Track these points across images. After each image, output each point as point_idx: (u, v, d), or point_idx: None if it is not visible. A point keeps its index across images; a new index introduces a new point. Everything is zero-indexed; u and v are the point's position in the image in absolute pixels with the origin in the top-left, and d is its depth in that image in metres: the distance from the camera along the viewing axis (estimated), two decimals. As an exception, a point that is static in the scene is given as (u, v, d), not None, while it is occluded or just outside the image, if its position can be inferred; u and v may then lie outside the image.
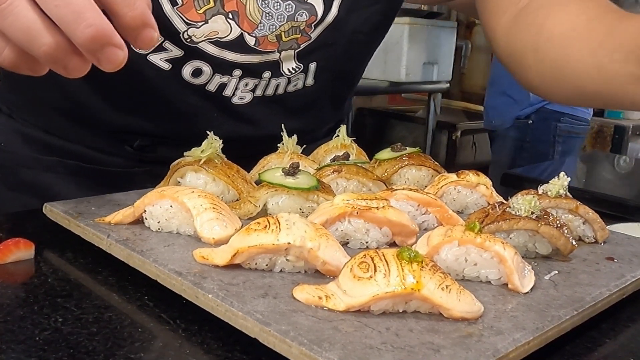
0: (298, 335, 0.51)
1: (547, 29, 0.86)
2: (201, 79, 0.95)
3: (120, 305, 0.63)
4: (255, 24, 0.93)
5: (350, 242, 0.74)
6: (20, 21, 0.50)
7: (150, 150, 1.03)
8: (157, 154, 1.03)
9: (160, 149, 1.03)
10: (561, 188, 0.82)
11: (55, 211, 0.79)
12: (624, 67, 0.75)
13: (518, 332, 0.55)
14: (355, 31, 1.02)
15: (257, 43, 0.94)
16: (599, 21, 0.81)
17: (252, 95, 1.00)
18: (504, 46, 0.93)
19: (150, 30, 0.55)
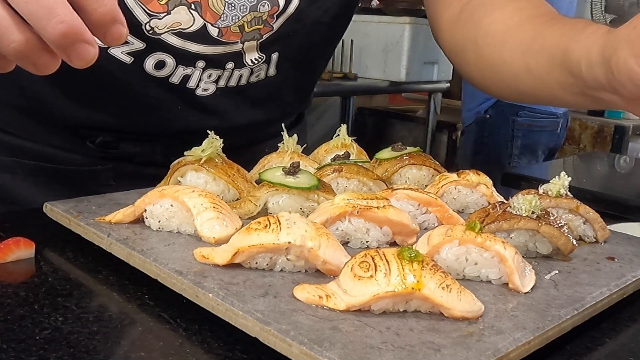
0: (298, 335, 0.51)
1: (484, 27, 0.87)
2: (164, 71, 0.94)
3: (120, 305, 0.63)
4: (218, 15, 0.92)
5: (351, 242, 0.74)
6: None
7: (113, 147, 1.01)
8: (120, 150, 1.01)
9: (123, 145, 1.01)
10: (562, 188, 0.82)
11: (55, 210, 0.79)
12: (549, 73, 0.76)
13: (518, 332, 0.55)
14: (316, 22, 1.02)
15: (220, 34, 0.94)
16: (530, 23, 0.82)
17: (216, 86, 0.99)
18: (447, 39, 0.96)
19: (120, 26, 0.53)
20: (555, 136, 2.59)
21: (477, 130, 2.64)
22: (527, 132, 2.54)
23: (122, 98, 0.97)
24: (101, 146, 1.01)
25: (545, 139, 2.57)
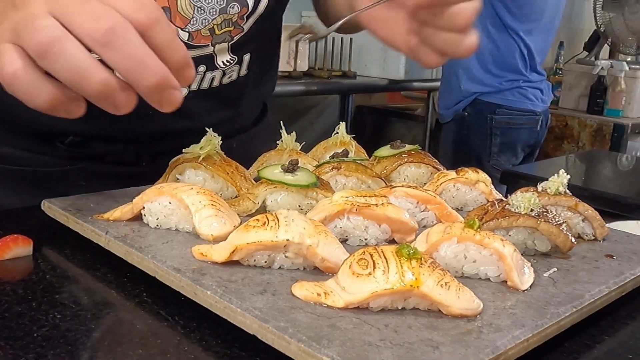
0: (297, 332, 0.51)
1: None
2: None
3: (118, 302, 0.63)
4: (187, 19, 0.92)
5: (349, 239, 0.74)
6: (71, 62, 0.52)
7: (83, 147, 0.99)
8: (90, 150, 1.00)
9: (94, 145, 1.00)
10: (560, 185, 0.82)
11: (53, 208, 0.79)
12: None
13: (517, 329, 0.55)
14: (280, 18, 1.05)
15: (191, 38, 0.94)
16: None
17: (188, 89, 0.98)
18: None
19: (190, 69, 0.58)
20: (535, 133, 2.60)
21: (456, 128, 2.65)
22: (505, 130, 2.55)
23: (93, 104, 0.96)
24: (71, 146, 0.99)
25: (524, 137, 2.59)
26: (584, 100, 3.91)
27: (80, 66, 0.53)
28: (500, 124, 2.54)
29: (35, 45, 0.52)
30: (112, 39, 0.53)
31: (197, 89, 1.00)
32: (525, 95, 2.53)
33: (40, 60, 0.53)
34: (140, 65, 0.54)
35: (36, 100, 0.56)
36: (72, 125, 0.95)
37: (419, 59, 0.76)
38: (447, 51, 0.73)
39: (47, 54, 0.52)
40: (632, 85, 3.76)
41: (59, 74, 0.54)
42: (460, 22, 0.70)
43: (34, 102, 0.56)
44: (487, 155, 2.56)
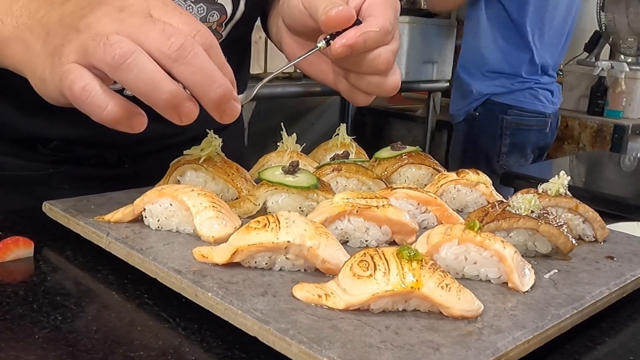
0: (297, 334, 0.51)
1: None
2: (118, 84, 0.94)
3: (119, 304, 0.63)
4: None
5: (350, 241, 0.74)
6: (145, 73, 0.56)
7: (66, 151, 0.99)
8: (73, 153, 1.00)
9: (77, 148, 1.00)
10: (561, 187, 0.82)
11: (54, 209, 0.79)
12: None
13: (518, 331, 0.55)
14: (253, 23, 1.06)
15: None
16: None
17: None
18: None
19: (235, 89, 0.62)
20: (544, 135, 2.61)
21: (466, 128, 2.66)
22: (516, 131, 2.56)
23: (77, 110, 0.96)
24: (54, 150, 0.99)
25: (533, 138, 2.59)
26: (585, 101, 3.90)
27: (153, 77, 0.57)
28: (510, 125, 2.54)
29: (111, 58, 0.56)
30: (184, 55, 0.57)
31: None
32: (536, 97, 2.54)
33: (114, 72, 0.57)
34: (208, 79, 0.58)
35: (103, 113, 0.59)
36: (55, 131, 0.97)
37: (348, 98, 0.81)
38: (373, 92, 0.77)
39: (122, 65, 0.56)
40: (633, 86, 3.76)
41: (132, 84, 0.57)
42: (380, 65, 0.74)
43: (101, 116, 0.59)
44: (497, 156, 2.57)
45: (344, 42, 0.70)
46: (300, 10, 0.77)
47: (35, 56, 0.63)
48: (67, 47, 0.59)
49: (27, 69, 0.65)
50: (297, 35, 0.85)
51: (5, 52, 0.67)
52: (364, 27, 0.71)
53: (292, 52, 0.88)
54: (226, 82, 0.60)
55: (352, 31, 0.71)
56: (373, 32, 0.71)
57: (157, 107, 0.59)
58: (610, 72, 3.76)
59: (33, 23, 0.65)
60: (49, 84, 0.62)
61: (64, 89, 0.59)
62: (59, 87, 0.60)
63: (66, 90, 0.59)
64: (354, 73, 0.77)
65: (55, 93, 0.62)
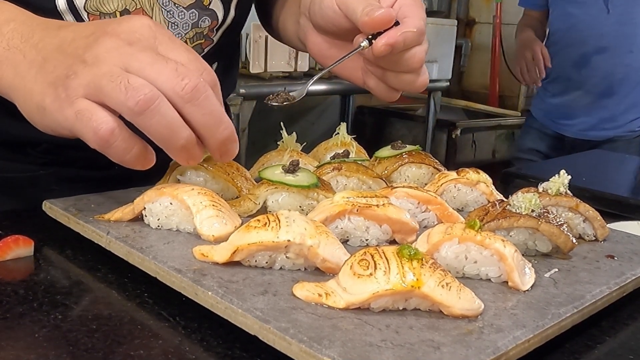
0: (298, 333, 0.51)
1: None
2: None
3: (119, 303, 0.63)
4: None
5: (350, 240, 0.74)
6: (166, 119, 0.58)
7: (55, 153, 0.99)
8: (62, 155, 0.99)
9: (67, 151, 0.99)
10: (561, 186, 0.82)
11: (54, 208, 0.79)
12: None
13: (518, 330, 0.55)
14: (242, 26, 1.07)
15: None
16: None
17: None
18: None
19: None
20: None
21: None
22: None
23: None
24: (43, 152, 0.99)
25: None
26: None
27: (172, 123, 0.58)
28: None
29: (134, 103, 0.56)
30: (197, 96, 0.58)
31: None
32: None
33: (135, 117, 0.57)
34: (218, 121, 0.60)
35: (127, 156, 0.60)
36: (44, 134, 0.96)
37: (377, 95, 0.84)
38: (404, 89, 0.81)
39: (146, 111, 0.57)
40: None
41: (152, 130, 0.58)
42: (414, 64, 0.78)
43: (125, 158, 0.60)
44: None
45: (386, 42, 0.73)
46: (334, 11, 0.80)
47: (29, 82, 0.63)
48: (74, 80, 0.59)
49: (17, 94, 0.65)
50: (327, 34, 0.87)
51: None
52: (403, 28, 0.74)
53: (318, 50, 0.90)
54: (231, 124, 0.61)
55: (392, 31, 0.74)
56: (411, 33, 0.74)
57: (171, 150, 0.61)
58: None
59: (26, 47, 0.64)
60: (48, 114, 0.61)
61: (83, 128, 0.59)
62: (68, 123, 0.60)
63: (88, 131, 0.58)
64: (388, 71, 0.80)
65: (54, 123, 0.62)
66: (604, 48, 2.28)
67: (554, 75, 2.45)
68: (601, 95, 2.33)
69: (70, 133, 0.61)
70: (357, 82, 0.86)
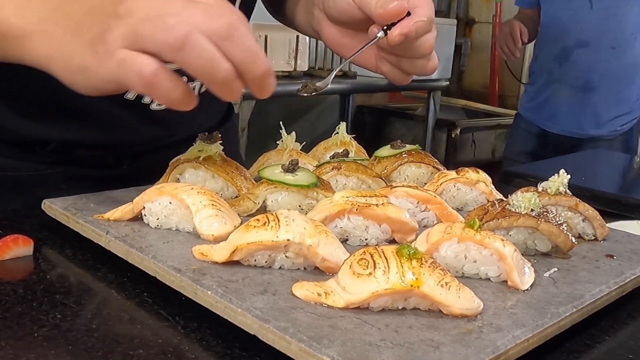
0: (297, 332, 0.51)
1: None
2: None
3: (119, 302, 0.63)
4: None
5: (350, 239, 0.74)
6: (205, 52, 0.58)
7: (65, 152, 1.00)
8: (71, 155, 1.00)
9: (76, 150, 1.00)
10: (561, 185, 0.82)
11: (54, 208, 0.79)
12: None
13: (518, 329, 0.55)
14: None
15: None
16: None
17: None
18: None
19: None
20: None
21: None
22: None
23: (77, 115, 0.97)
24: (52, 152, 0.99)
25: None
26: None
27: (211, 57, 0.59)
28: None
29: (173, 39, 0.57)
30: (233, 34, 0.60)
31: None
32: None
33: (175, 53, 0.58)
34: (255, 56, 0.61)
35: (172, 95, 0.60)
36: (54, 133, 0.98)
37: (391, 79, 0.89)
38: (416, 73, 0.86)
39: (184, 46, 0.57)
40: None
41: (192, 64, 0.59)
42: (426, 50, 0.83)
43: (170, 98, 0.61)
44: None
45: (400, 31, 0.78)
46: (348, 4, 0.84)
47: (65, 47, 0.64)
48: (110, 33, 0.60)
49: (56, 62, 0.65)
50: (341, 24, 0.91)
51: (28, 47, 0.67)
52: (415, 17, 0.79)
53: (333, 39, 0.94)
54: (267, 59, 0.63)
55: (405, 21, 0.79)
56: (422, 22, 0.79)
57: (213, 84, 0.61)
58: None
59: (57, 15, 0.65)
60: (91, 72, 0.62)
61: (127, 74, 0.59)
62: (111, 74, 0.60)
63: (132, 76, 0.59)
64: (402, 57, 0.85)
65: (98, 80, 0.63)
66: (586, 42, 2.29)
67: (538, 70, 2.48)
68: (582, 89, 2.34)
69: (116, 85, 0.62)
70: (370, 68, 0.90)
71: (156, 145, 1.03)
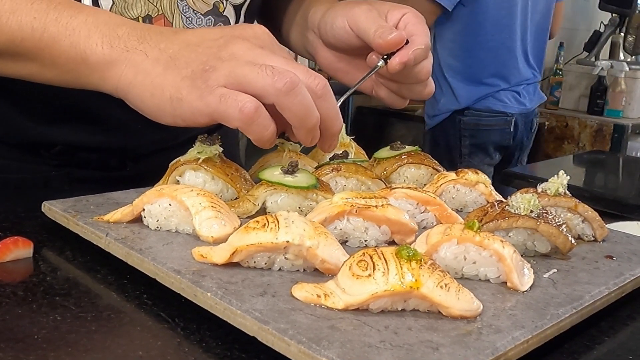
0: (297, 334, 0.51)
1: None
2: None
3: (118, 304, 0.63)
4: None
5: (349, 241, 0.74)
6: (305, 100, 0.67)
7: (69, 154, 1.01)
8: (76, 157, 1.01)
9: (80, 153, 1.01)
10: (560, 186, 0.82)
11: (54, 210, 0.79)
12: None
13: (517, 331, 0.55)
14: None
15: None
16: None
17: None
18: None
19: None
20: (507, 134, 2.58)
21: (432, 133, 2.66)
22: (475, 132, 2.55)
23: (85, 118, 0.98)
24: (57, 154, 1.00)
25: (495, 138, 2.58)
26: (584, 100, 3.91)
27: (310, 105, 0.67)
28: (468, 126, 2.55)
29: (282, 84, 0.65)
30: (326, 93, 0.69)
31: None
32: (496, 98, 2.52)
33: (282, 97, 0.65)
34: (337, 116, 0.71)
35: (265, 132, 0.67)
36: (60, 137, 0.99)
37: (388, 103, 0.94)
38: (413, 97, 0.91)
39: (291, 92, 0.65)
40: (632, 86, 3.76)
41: (293, 109, 0.67)
42: (423, 77, 0.87)
43: (264, 134, 0.67)
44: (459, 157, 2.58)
45: (399, 60, 0.82)
46: (346, 31, 0.88)
47: (157, 78, 0.68)
48: (213, 72, 0.66)
49: (140, 90, 0.70)
50: (336, 50, 0.95)
51: (110, 74, 0.71)
52: (413, 46, 0.83)
53: (329, 64, 0.98)
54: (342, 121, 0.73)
55: (404, 50, 0.83)
56: (420, 50, 0.83)
57: (302, 129, 0.69)
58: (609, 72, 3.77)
59: (147, 48, 0.70)
60: (185, 104, 0.67)
61: (227, 109, 0.65)
62: (210, 108, 0.66)
63: (233, 111, 0.65)
64: (400, 83, 0.89)
65: (190, 112, 0.68)
66: None
67: None
68: None
69: (209, 119, 0.67)
70: (367, 92, 0.94)
71: (160, 148, 1.04)
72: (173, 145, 1.00)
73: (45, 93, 0.91)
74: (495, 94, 2.51)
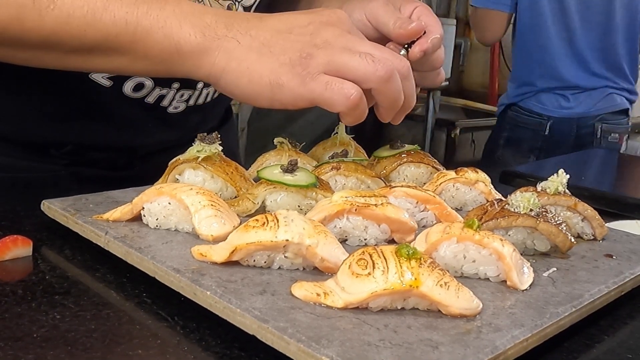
0: (296, 332, 0.51)
1: None
2: (142, 92, 0.97)
3: (118, 302, 0.63)
4: None
5: (349, 239, 0.74)
6: (398, 85, 0.71)
7: (78, 154, 1.01)
8: (85, 157, 1.02)
9: (90, 152, 1.02)
10: (560, 185, 0.82)
11: (53, 208, 0.79)
12: None
13: (516, 329, 0.55)
14: None
15: None
16: None
17: (186, 104, 1.04)
18: None
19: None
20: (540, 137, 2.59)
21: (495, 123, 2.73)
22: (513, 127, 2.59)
23: (97, 117, 0.99)
24: (67, 154, 1.01)
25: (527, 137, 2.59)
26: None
27: (400, 89, 0.72)
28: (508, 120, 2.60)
29: (384, 71, 0.69)
30: (409, 74, 0.74)
31: (194, 104, 1.05)
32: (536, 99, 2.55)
33: (383, 83, 0.70)
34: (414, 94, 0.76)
35: (363, 116, 0.71)
36: (70, 136, 1.00)
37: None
38: (427, 85, 0.94)
39: (390, 78, 0.70)
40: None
41: (390, 94, 0.71)
42: (437, 64, 0.91)
43: (361, 118, 0.71)
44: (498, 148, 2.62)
45: (420, 48, 0.86)
46: (364, 24, 0.90)
47: (252, 64, 0.71)
48: (312, 60, 0.69)
49: (235, 76, 0.72)
50: None
51: (204, 62, 0.72)
52: (430, 35, 0.87)
53: None
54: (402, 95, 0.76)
55: (423, 39, 0.87)
56: (436, 39, 0.87)
57: (391, 109, 0.74)
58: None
59: (237, 35, 0.72)
60: (286, 90, 0.70)
61: (333, 95, 0.69)
62: (315, 94, 0.69)
63: (339, 97, 0.68)
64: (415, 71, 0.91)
65: (291, 97, 0.70)
66: None
67: None
68: None
69: (310, 103, 0.70)
70: None
71: (167, 147, 1.04)
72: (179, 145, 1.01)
73: (62, 92, 0.92)
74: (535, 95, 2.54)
